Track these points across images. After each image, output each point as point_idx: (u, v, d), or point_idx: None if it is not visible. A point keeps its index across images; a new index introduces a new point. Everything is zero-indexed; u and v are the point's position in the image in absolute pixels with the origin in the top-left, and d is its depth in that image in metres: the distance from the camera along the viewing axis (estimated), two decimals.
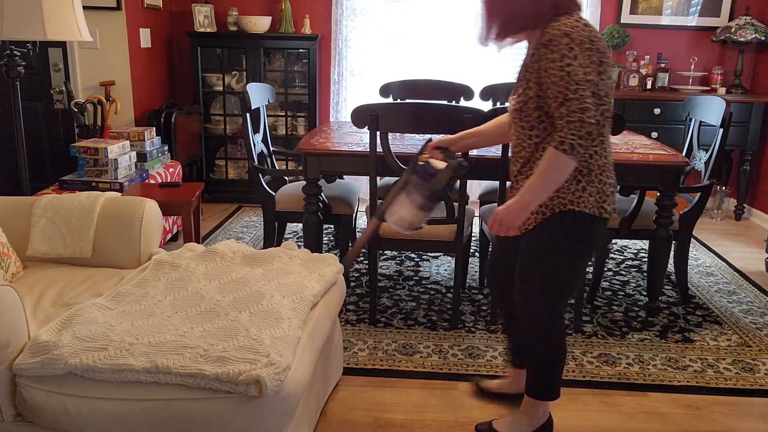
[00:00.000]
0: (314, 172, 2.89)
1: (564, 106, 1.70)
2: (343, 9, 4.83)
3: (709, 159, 3.17)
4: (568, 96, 1.69)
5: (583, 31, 1.73)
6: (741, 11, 4.66)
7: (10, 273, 2.24)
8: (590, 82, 1.70)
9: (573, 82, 1.69)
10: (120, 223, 2.42)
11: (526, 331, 2.06)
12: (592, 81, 1.71)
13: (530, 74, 1.82)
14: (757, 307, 3.24)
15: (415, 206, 1.99)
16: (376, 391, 2.42)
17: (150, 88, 4.59)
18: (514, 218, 1.82)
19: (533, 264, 1.96)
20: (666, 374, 2.57)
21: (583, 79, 1.69)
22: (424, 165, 2.01)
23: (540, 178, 1.76)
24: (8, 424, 1.76)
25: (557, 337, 2.04)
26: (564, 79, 1.70)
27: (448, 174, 1.99)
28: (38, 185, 3.63)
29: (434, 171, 1.98)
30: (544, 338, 2.03)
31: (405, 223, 2.00)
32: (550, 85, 1.74)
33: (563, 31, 1.72)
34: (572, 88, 1.69)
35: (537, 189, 1.77)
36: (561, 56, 1.71)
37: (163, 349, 1.72)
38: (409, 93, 3.86)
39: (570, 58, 1.70)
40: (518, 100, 1.89)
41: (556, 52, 1.72)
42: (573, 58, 1.70)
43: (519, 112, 1.88)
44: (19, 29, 2.66)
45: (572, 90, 1.69)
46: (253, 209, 4.82)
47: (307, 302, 2.02)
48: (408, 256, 3.81)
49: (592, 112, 1.69)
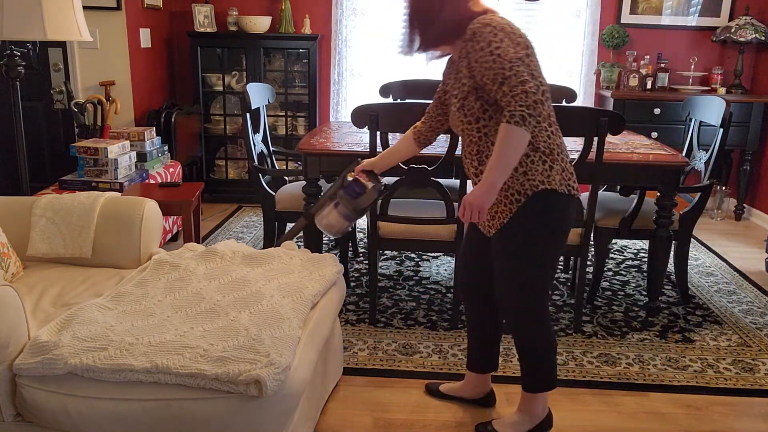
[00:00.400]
0: (314, 172, 2.89)
1: (504, 85, 1.75)
2: (343, 9, 4.83)
3: (709, 159, 3.17)
4: (505, 74, 1.75)
5: (502, 20, 1.83)
6: (741, 11, 4.66)
7: (10, 273, 2.24)
8: (521, 59, 1.76)
9: (506, 61, 1.75)
10: (120, 223, 2.42)
11: (517, 330, 2.07)
12: (522, 58, 1.76)
13: (461, 72, 1.90)
14: (757, 307, 3.24)
15: (341, 216, 2.17)
16: (376, 391, 2.42)
17: (150, 88, 4.59)
18: (484, 200, 1.81)
19: (517, 257, 1.96)
20: (666, 374, 2.57)
21: (515, 56, 1.76)
22: (352, 183, 2.18)
23: (499, 155, 1.79)
24: (8, 424, 1.76)
25: (548, 329, 2.05)
26: (496, 61, 1.76)
27: (374, 195, 2.21)
28: (38, 185, 3.63)
29: (361, 190, 2.17)
30: (537, 333, 2.04)
31: (332, 228, 2.19)
32: (485, 71, 1.80)
33: (483, 23, 1.82)
34: (507, 66, 1.75)
35: (499, 166, 1.79)
36: (488, 43, 1.79)
37: (163, 349, 1.72)
38: (409, 93, 3.86)
39: (497, 42, 1.78)
40: (456, 101, 1.95)
41: (482, 41, 1.80)
42: (500, 41, 1.77)
43: (462, 110, 1.93)
44: (19, 29, 2.66)
45: (507, 68, 1.75)
46: (253, 209, 4.82)
47: (307, 302, 2.02)
48: (408, 256, 3.81)
49: (532, 83, 1.73)
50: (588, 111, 2.62)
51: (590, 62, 4.84)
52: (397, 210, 2.88)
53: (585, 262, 2.82)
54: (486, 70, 1.79)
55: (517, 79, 1.73)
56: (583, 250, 2.79)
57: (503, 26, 1.80)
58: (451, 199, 2.74)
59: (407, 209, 2.95)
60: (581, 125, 2.58)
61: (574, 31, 4.85)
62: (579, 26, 4.83)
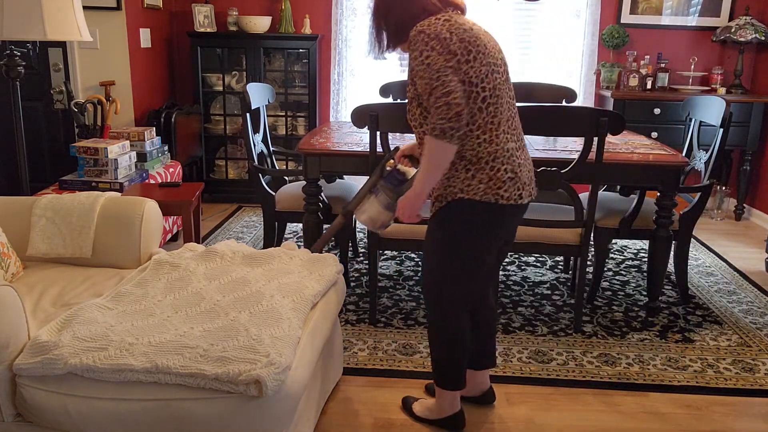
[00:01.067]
0: (314, 172, 2.89)
1: (432, 96, 1.78)
2: (343, 9, 4.83)
3: (709, 159, 3.17)
4: (433, 85, 1.77)
5: (441, 26, 1.81)
6: (741, 11, 4.66)
7: (10, 273, 2.24)
8: (452, 68, 1.77)
9: (434, 71, 1.77)
10: (120, 223, 2.42)
11: (428, 318, 2.11)
12: (453, 67, 1.77)
13: (408, 77, 1.92)
14: (757, 307, 3.24)
15: (383, 208, 2.12)
16: (376, 391, 2.42)
17: (150, 88, 4.59)
18: (412, 206, 1.94)
19: (429, 252, 2.04)
20: (666, 374, 2.57)
21: (444, 65, 1.77)
22: (393, 171, 2.14)
23: (424, 166, 1.86)
24: (8, 424, 1.76)
25: (453, 329, 2.06)
26: (426, 70, 1.79)
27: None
28: (38, 185, 3.63)
29: (403, 178, 2.12)
30: (440, 327, 2.08)
31: (375, 222, 2.13)
32: (418, 80, 1.82)
33: (418, 30, 1.82)
34: (435, 76, 1.77)
35: (424, 177, 1.88)
36: (420, 52, 1.80)
37: (163, 349, 1.71)
38: None
39: (428, 50, 1.79)
40: (406, 104, 1.99)
41: (416, 50, 1.82)
42: (431, 50, 1.78)
43: (408, 113, 1.98)
44: (19, 29, 2.66)
45: (435, 78, 1.77)
46: (253, 209, 4.82)
47: (307, 302, 2.02)
48: (408, 256, 3.81)
49: (457, 94, 1.75)
50: (588, 111, 2.62)
51: (590, 62, 4.84)
52: None
53: (585, 262, 2.82)
54: (419, 78, 1.82)
55: (442, 89, 1.75)
56: (582, 250, 2.79)
57: (438, 33, 1.79)
58: None
59: None
60: (581, 125, 2.58)
61: (574, 31, 4.85)
62: (579, 26, 4.83)
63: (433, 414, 2.19)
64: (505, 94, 1.90)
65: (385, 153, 2.29)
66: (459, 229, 1.96)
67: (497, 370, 2.56)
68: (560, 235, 2.80)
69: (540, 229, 2.78)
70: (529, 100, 3.71)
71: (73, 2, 2.80)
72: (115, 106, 3.98)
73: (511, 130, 1.92)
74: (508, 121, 1.91)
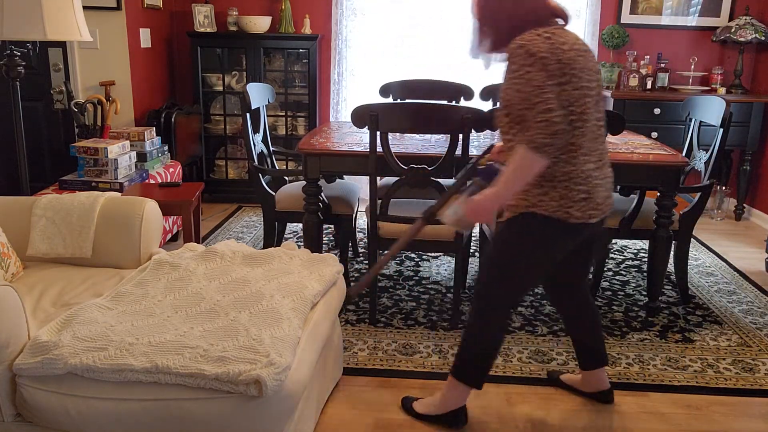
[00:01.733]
0: (314, 172, 2.89)
1: (530, 110, 1.78)
2: (343, 9, 4.83)
3: (709, 159, 3.17)
4: (533, 100, 1.78)
5: (542, 43, 1.81)
6: (741, 11, 4.66)
7: (10, 273, 2.24)
8: (550, 87, 1.78)
9: (534, 86, 1.78)
10: (120, 223, 2.42)
11: (470, 314, 2.12)
12: (551, 87, 1.79)
13: (502, 85, 1.92)
14: (757, 307, 3.24)
15: None
16: (376, 391, 2.42)
17: (150, 88, 4.59)
18: (487, 207, 1.92)
19: (492, 258, 2.06)
20: (666, 374, 2.57)
21: (544, 83, 1.78)
22: (489, 167, 2.11)
23: (511, 173, 1.86)
24: (8, 424, 1.76)
25: (492, 332, 2.09)
26: (525, 85, 1.79)
27: None
28: (38, 185, 3.63)
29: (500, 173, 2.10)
30: (481, 327, 2.09)
31: (464, 223, 2.11)
32: (516, 93, 1.82)
33: (518, 44, 1.82)
34: (535, 93, 1.78)
35: (506, 183, 1.87)
36: (519, 66, 1.81)
37: (163, 349, 1.72)
38: (409, 93, 3.86)
39: (528, 66, 1.79)
40: (497, 110, 2.00)
41: (514, 63, 1.83)
42: (530, 65, 1.79)
43: (497, 119, 1.99)
44: (19, 29, 2.66)
45: (535, 94, 1.78)
46: (253, 209, 4.82)
47: (307, 302, 2.02)
48: (408, 256, 3.81)
49: (558, 113, 1.76)
50: None
51: None
52: (397, 210, 2.88)
53: None
54: (515, 92, 1.82)
55: (543, 106, 1.76)
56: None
57: (538, 50, 1.79)
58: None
59: (407, 209, 2.95)
60: None
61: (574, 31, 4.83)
62: (579, 26, 4.83)
63: (437, 408, 2.20)
64: (592, 117, 1.91)
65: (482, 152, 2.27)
66: (525, 240, 2.00)
67: (497, 370, 2.56)
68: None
69: None
70: None
71: (73, 2, 2.80)
72: (115, 106, 3.98)
73: (591, 152, 1.93)
74: (591, 143, 1.93)
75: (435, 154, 2.77)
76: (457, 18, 4.83)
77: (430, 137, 3.20)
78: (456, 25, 4.84)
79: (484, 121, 2.63)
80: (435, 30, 4.87)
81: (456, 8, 4.81)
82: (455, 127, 2.61)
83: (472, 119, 2.59)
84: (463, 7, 4.80)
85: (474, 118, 2.60)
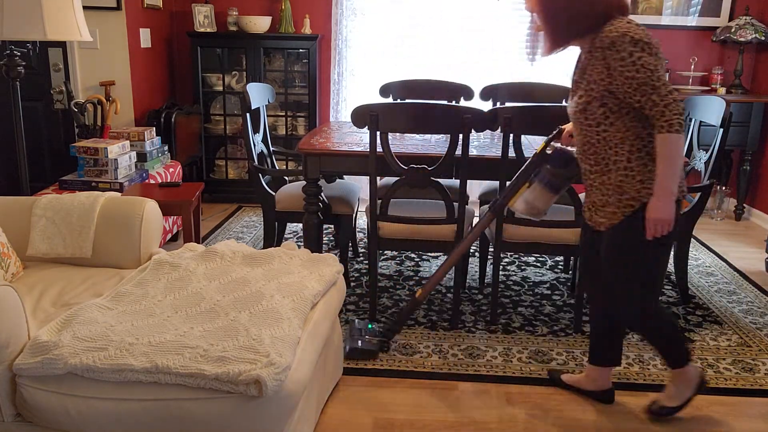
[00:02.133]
0: (314, 172, 2.89)
1: (654, 94, 1.83)
2: (343, 9, 4.83)
3: (709, 159, 3.17)
4: (654, 84, 1.82)
5: (638, 29, 1.86)
6: (741, 11, 4.66)
7: (10, 273, 2.24)
8: (662, 70, 1.84)
9: (650, 71, 1.83)
10: (120, 223, 2.42)
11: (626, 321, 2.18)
12: (662, 70, 1.84)
13: (590, 75, 1.93)
14: (757, 307, 3.24)
15: (550, 192, 2.10)
16: (376, 391, 2.42)
17: (150, 88, 4.59)
18: (667, 212, 1.91)
19: (625, 258, 2.05)
20: (666, 374, 2.57)
21: (659, 66, 1.83)
22: (558, 151, 2.10)
23: (666, 164, 1.87)
24: (8, 424, 1.76)
25: (662, 315, 2.17)
26: (640, 71, 1.82)
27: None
28: (38, 185, 3.63)
29: (571, 156, 2.09)
30: (654, 326, 2.14)
31: (535, 209, 2.11)
32: (628, 81, 1.85)
33: (621, 32, 1.84)
34: (655, 77, 1.82)
35: (669, 175, 1.87)
36: (629, 53, 1.83)
37: (163, 349, 1.72)
38: (408, 93, 3.86)
39: (638, 52, 1.83)
40: (579, 102, 1.99)
41: (622, 51, 1.84)
42: (641, 51, 1.83)
43: (583, 112, 1.98)
44: (19, 29, 2.66)
45: (655, 78, 1.82)
46: (253, 209, 4.82)
47: (307, 302, 2.02)
48: (408, 256, 3.81)
49: (675, 94, 1.82)
50: None
51: None
52: (397, 210, 2.88)
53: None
54: (627, 79, 1.84)
55: (666, 89, 1.82)
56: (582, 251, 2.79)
57: (641, 37, 1.83)
58: (451, 199, 2.74)
59: (407, 209, 2.95)
60: None
61: None
62: None
63: (686, 391, 2.23)
64: None
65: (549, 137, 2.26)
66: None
67: (497, 370, 2.56)
68: (560, 235, 2.80)
69: (540, 229, 2.78)
70: (529, 100, 3.72)
71: (73, 2, 2.80)
72: (115, 106, 3.98)
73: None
74: None
75: (435, 154, 2.77)
76: (457, 18, 4.83)
77: (430, 137, 3.20)
78: (456, 25, 4.84)
79: (484, 121, 2.63)
80: (435, 30, 4.87)
81: (456, 7, 4.81)
82: (455, 127, 2.61)
83: (472, 119, 2.59)
84: (464, 6, 4.80)
85: (474, 118, 2.60)
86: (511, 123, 2.58)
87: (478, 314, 3.06)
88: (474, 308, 3.12)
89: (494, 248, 2.86)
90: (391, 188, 2.75)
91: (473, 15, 4.81)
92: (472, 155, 2.76)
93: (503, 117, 2.58)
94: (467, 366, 2.59)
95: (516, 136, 2.63)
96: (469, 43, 4.86)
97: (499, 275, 2.91)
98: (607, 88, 1.90)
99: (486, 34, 4.84)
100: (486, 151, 2.89)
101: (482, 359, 2.65)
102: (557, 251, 2.87)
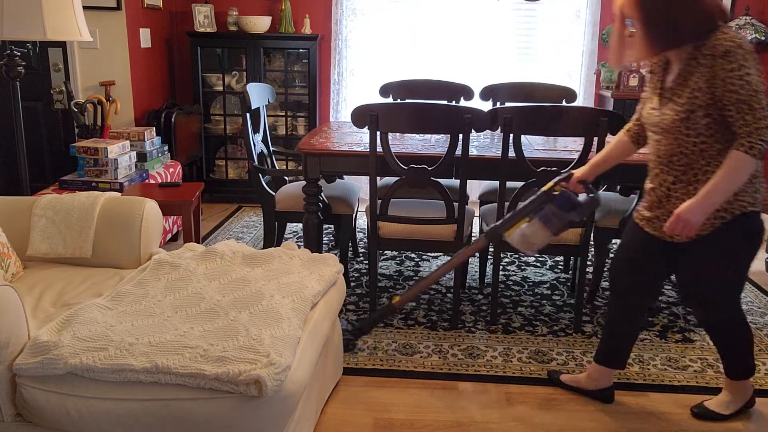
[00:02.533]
0: (314, 172, 2.89)
1: (749, 114, 1.80)
2: (343, 9, 4.83)
3: None
4: (752, 105, 1.80)
5: (747, 42, 1.84)
6: (741, 11, 4.65)
7: (10, 273, 2.24)
8: (762, 89, 1.82)
9: (753, 89, 1.80)
10: (120, 223, 2.42)
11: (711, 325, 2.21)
12: (763, 88, 1.82)
13: (695, 83, 1.88)
14: (757, 307, 3.24)
15: (549, 232, 2.11)
16: (376, 391, 2.42)
17: (150, 88, 4.59)
18: (700, 218, 1.89)
19: (713, 265, 2.06)
20: (666, 374, 2.57)
21: (760, 89, 1.81)
22: (565, 195, 2.11)
23: (725, 179, 1.85)
24: (8, 424, 1.76)
25: (740, 326, 2.19)
26: (744, 87, 1.79)
27: (595, 205, 2.18)
28: (38, 185, 3.63)
29: (577, 203, 2.10)
30: (740, 333, 2.19)
31: (531, 246, 2.12)
32: (729, 93, 1.82)
33: (737, 43, 1.81)
34: (756, 98, 1.80)
35: (722, 190, 1.86)
36: (739, 66, 1.80)
37: (163, 349, 1.72)
38: (408, 93, 3.86)
39: (747, 68, 1.80)
40: (680, 110, 1.93)
41: (734, 62, 1.80)
42: (749, 68, 1.81)
43: (685, 121, 1.93)
44: (19, 29, 2.66)
45: (756, 99, 1.80)
46: (253, 209, 4.82)
47: (307, 302, 2.02)
48: (408, 256, 3.81)
49: None
50: (588, 111, 2.63)
51: (590, 62, 4.84)
52: (397, 210, 2.88)
53: (585, 262, 2.82)
54: (729, 92, 1.82)
55: (762, 112, 1.79)
56: (582, 250, 2.79)
57: (750, 51, 1.81)
58: (451, 199, 2.74)
59: (407, 209, 2.95)
60: (581, 125, 2.58)
61: (574, 32, 4.85)
62: (579, 26, 4.83)
63: (738, 404, 2.28)
64: None
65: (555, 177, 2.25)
66: (747, 240, 2.01)
67: (497, 370, 2.56)
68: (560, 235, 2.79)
69: None
70: (529, 100, 3.71)
71: (73, 2, 2.80)
72: (115, 106, 3.98)
73: None
74: None
75: (435, 154, 2.77)
76: (457, 18, 4.83)
77: (430, 137, 3.20)
78: (456, 25, 4.84)
79: (484, 121, 2.63)
80: (435, 30, 4.87)
81: (457, 8, 4.81)
82: (455, 127, 2.61)
83: (472, 119, 2.59)
84: (464, 6, 4.79)
85: (474, 118, 2.60)
86: (511, 123, 2.58)
87: (478, 314, 3.06)
88: (474, 308, 3.12)
89: (494, 248, 2.86)
90: (391, 188, 2.75)
91: (473, 15, 4.82)
92: (472, 155, 2.76)
93: (503, 117, 2.58)
94: (467, 366, 2.60)
95: (516, 136, 2.63)
96: (469, 43, 4.86)
97: (499, 275, 2.91)
98: (711, 97, 1.86)
99: (486, 34, 4.84)
100: (486, 151, 2.89)
101: (482, 359, 2.65)
102: (557, 251, 2.87)
